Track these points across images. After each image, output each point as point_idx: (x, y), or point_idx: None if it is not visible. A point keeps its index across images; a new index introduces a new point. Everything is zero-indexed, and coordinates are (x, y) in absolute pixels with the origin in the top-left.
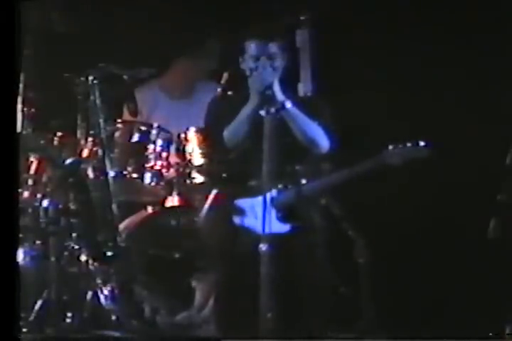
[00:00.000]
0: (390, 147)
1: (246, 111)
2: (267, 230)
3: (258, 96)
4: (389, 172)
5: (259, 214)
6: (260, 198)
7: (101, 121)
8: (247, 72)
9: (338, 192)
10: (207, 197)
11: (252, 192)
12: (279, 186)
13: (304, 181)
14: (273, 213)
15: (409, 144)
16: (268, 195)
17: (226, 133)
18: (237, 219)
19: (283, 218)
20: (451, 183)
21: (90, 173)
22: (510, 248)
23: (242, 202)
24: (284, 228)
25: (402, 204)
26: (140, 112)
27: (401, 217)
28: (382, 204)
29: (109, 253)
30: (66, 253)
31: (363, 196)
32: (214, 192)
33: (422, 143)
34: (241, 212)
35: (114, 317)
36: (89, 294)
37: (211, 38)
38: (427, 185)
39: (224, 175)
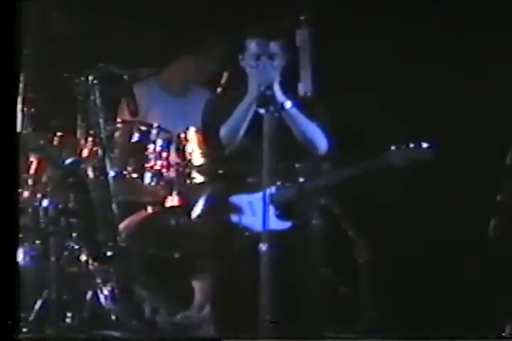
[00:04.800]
0: (393, 148)
1: (242, 106)
2: (266, 228)
3: (256, 92)
4: (389, 172)
5: (256, 211)
6: (258, 195)
7: (101, 121)
8: (247, 70)
9: (338, 192)
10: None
11: (250, 189)
12: (278, 183)
13: (302, 179)
14: (271, 210)
15: (411, 145)
16: (267, 192)
17: (223, 130)
18: (234, 217)
19: (281, 215)
20: (451, 183)
21: (90, 173)
22: (510, 248)
23: (239, 199)
24: (282, 225)
25: (402, 204)
26: (139, 109)
27: (401, 216)
28: (382, 203)
29: (109, 253)
30: (66, 253)
31: (363, 196)
32: (208, 190)
33: (424, 145)
34: (238, 209)
35: (114, 317)
36: (89, 294)
37: (211, 38)
38: (426, 185)
39: (220, 171)
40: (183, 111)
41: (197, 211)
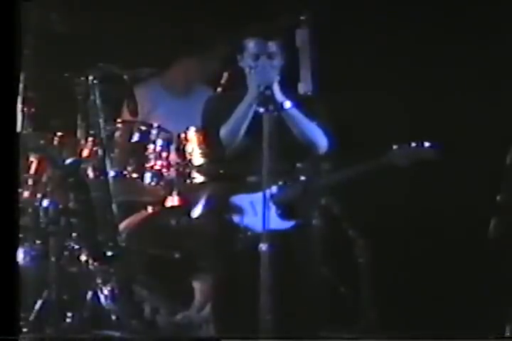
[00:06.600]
0: (395, 147)
1: (242, 106)
2: (266, 227)
3: (256, 92)
4: (390, 171)
5: (258, 211)
6: (259, 195)
7: (101, 121)
8: (246, 70)
9: (339, 192)
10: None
11: (251, 189)
12: (280, 183)
13: (303, 178)
14: (273, 210)
15: (413, 144)
16: (268, 192)
17: (223, 130)
18: (236, 217)
19: (283, 215)
20: (451, 183)
21: (90, 173)
22: (510, 248)
23: (241, 199)
24: (283, 225)
25: (402, 204)
26: (141, 109)
27: (401, 216)
28: (383, 203)
29: (109, 253)
30: (66, 253)
31: (364, 195)
32: (209, 190)
33: (426, 144)
34: (240, 209)
35: (114, 317)
36: (89, 294)
37: (212, 38)
38: (426, 185)
39: (221, 171)
40: (186, 112)
41: (197, 211)
